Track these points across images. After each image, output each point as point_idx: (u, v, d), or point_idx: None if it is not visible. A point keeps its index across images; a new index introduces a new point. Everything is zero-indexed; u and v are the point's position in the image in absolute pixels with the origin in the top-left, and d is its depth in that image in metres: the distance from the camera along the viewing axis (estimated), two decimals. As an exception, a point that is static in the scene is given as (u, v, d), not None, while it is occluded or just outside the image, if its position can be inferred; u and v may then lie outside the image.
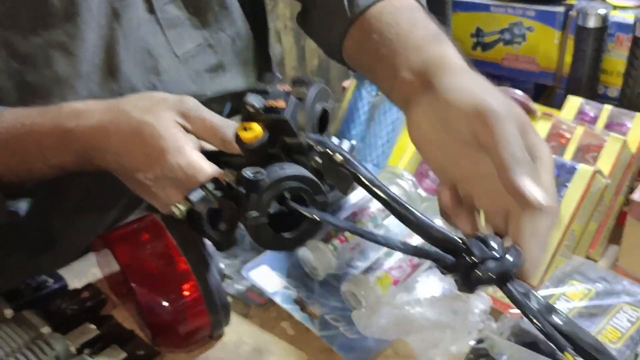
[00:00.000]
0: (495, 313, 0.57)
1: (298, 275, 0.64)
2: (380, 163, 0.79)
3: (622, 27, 0.73)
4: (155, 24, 0.69)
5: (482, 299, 0.57)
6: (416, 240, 0.63)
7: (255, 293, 0.64)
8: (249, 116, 0.45)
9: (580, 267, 0.58)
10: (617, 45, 0.75)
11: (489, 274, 0.34)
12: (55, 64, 0.63)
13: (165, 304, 0.55)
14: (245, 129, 0.45)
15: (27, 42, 0.62)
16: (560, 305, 0.54)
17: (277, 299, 0.62)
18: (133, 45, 0.67)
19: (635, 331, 0.52)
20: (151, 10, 0.68)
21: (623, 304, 0.54)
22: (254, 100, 0.45)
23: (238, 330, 0.60)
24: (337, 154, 0.43)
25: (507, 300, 0.59)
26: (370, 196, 0.67)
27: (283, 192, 0.43)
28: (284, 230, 0.45)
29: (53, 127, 0.53)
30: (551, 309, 0.36)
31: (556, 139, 0.67)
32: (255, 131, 0.44)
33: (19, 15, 0.60)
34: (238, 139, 0.45)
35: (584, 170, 0.59)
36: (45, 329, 0.57)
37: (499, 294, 0.59)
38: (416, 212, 0.38)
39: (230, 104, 0.80)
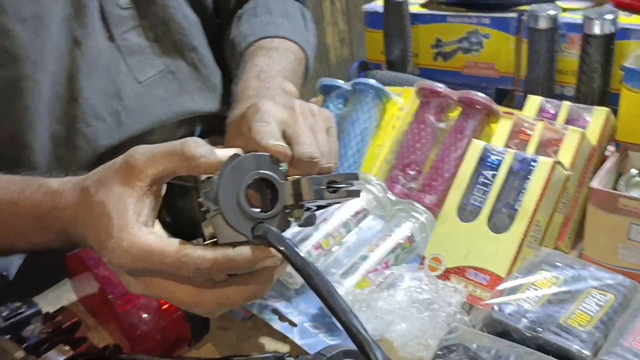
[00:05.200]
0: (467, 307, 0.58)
1: (274, 285, 0.64)
2: (352, 173, 0.80)
3: (572, 27, 0.76)
4: (116, 52, 0.70)
5: (458, 292, 0.58)
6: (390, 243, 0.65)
7: (241, 307, 0.64)
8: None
9: (548, 257, 0.59)
10: (570, 45, 0.77)
11: None
12: (25, 96, 0.64)
13: (144, 315, 0.55)
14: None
15: None
16: (530, 294, 0.55)
17: (255, 310, 0.62)
18: (95, 73, 0.68)
19: (604, 314, 0.53)
20: (111, 38, 0.70)
21: (591, 288, 0.55)
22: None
23: (213, 342, 0.61)
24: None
25: (478, 294, 0.60)
26: (340, 204, 0.69)
27: None
28: None
29: (31, 208, 0.50)
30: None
31: (518, 136, 0.68)
32: None
33: None
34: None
35: (544, 162, 0.60)
36: (19, 354, 0.56)
37: (470, 287, 0.60)
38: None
39: (200, 127, 0.81)
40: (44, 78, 0.64)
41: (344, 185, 0.46)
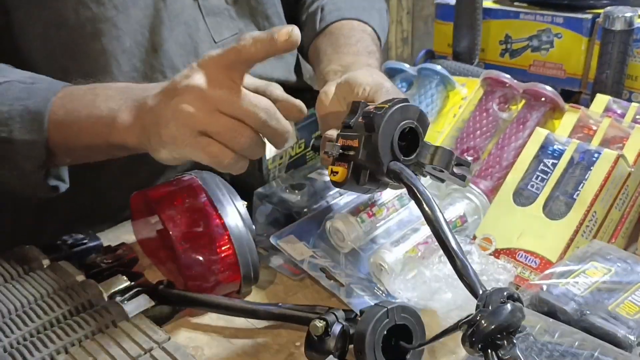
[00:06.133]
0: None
1: (324, 246, 0.66)
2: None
3: (648, 32, 0.76)
4: (197, 10, 0.74)
5: (506, 271, 0.58)
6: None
7: (290, 265, 0.66)
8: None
9: (601, 250, 0.59)
10: (643, 50, 0.77)
11: None
12: (103, 37, 0.67)
13: (200, 257, 0.58)
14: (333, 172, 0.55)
15: (77, 15, 0.66)
16: (580, 280, 0.55)
17: (305, 266, 0.64)
18: (176, 27, 0.71)
19: (654, 308, 0.53)
20: None
21: (642, 283, 0.55)
22: (330, 149, 0.55)
23: (260, 293, 0.63)
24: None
25: (527, 276, 0.60)
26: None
27: None
28: None
29: (104, 87, 0.59)
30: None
31: (582, 130, 0.69)
32: (341, 174, 0.55)
33: None
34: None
35: (608, 153, 0.60)
36: (80, 277, 0.59)
37: (519, 269, 0.61)
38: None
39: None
40: (125, 24, 0.68)
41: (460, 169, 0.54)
